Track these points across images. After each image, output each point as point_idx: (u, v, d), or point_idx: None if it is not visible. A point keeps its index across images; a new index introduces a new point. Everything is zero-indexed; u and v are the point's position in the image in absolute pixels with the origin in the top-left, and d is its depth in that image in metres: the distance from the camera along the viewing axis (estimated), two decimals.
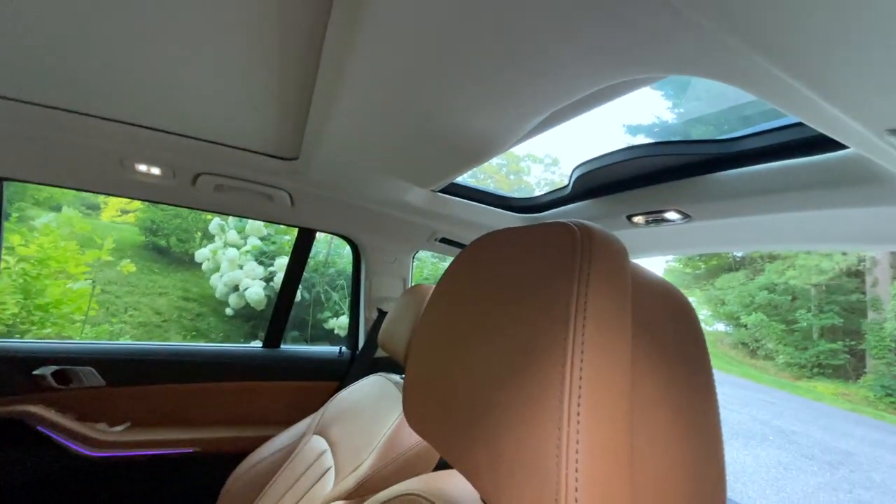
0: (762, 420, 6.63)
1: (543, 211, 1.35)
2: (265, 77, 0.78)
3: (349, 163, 1.09)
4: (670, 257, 14.83)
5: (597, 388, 0.27)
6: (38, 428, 1.23)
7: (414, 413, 0.44)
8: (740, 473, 4.73)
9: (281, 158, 1.15)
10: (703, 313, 15.37)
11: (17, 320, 3.46)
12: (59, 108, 0.95)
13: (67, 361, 1.31)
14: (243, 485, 1.07)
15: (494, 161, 15.86)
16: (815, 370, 10.34)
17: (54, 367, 1.29)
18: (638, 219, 1.05)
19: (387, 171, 1.13)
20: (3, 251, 1.38)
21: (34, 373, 1.26)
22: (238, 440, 1.44)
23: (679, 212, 0.95)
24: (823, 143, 0.63)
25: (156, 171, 1.19)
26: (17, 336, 3.45)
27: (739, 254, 12.89)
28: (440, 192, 1.34)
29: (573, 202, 1.22)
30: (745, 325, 12.26)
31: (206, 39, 0.68)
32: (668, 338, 0.32)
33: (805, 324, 10.86)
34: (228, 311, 4.95)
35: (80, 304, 3.87)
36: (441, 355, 0.41)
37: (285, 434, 1.15)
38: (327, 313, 4.92)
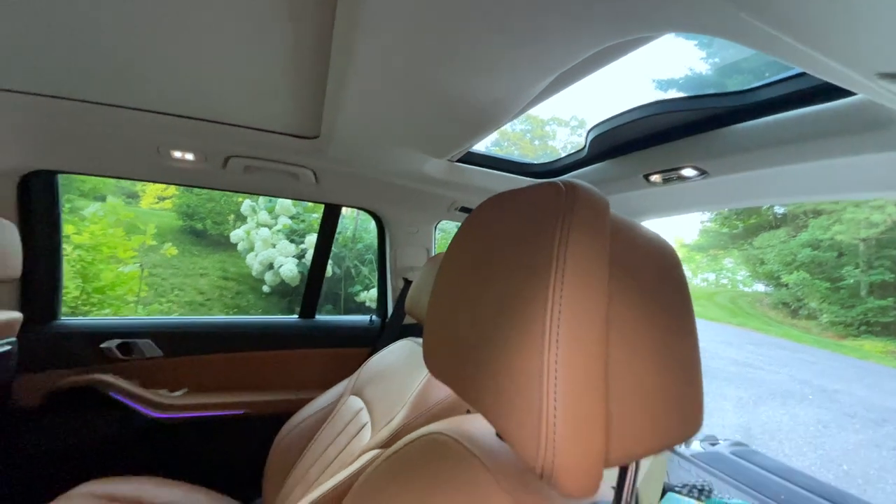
0: (802, 380, 6.46)
1: (560, 175, 1.35)
2: (282, 61, 0.81)
3: (366, 137, 1.13)
4: (705, 218, 14.26)
5: (573, 322, 0.31)
6: (110, 394, 1.39)
7: (433, 361, 0.49)
8: (776, 432, 4.69)
9: (303, 137, 1.20)
10: (740, 274, 14.82)
11: (79, 302, 3.77)
12: (101, 102, 1.03)
13: (129, 335, 1.46)
14: (290, 441, 1.18)
15: (518, 126, 15.42)
16: (863, 328, 9.88)
17: (118, 341, 1.43)
18: (655, 177, 1.05)
19: (403, 143, 1.16)
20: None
21: (101, 346, 1.41)
22: (282, 402, 1.56)
23: (696, 168, 0.94)
24: (836, 89, 0.62)
25: (189, 156, 1.28)
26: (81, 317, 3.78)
27: (781, 210, 12.22)
28: (458, 161, 1.36)
29: (590, 164, 1.22)
30: (786, 285, 11.77)
31: (223, 29, 0.72)
32: (648, 283, 0.36)
33: (852, 281, 10.29)
34: (265, 288, 5.18)
35: (131, 286, 4.18)
36: (452, 307, 0.46)
37: (324, 396, 1.25)
38: (358, 287, 5.08)
